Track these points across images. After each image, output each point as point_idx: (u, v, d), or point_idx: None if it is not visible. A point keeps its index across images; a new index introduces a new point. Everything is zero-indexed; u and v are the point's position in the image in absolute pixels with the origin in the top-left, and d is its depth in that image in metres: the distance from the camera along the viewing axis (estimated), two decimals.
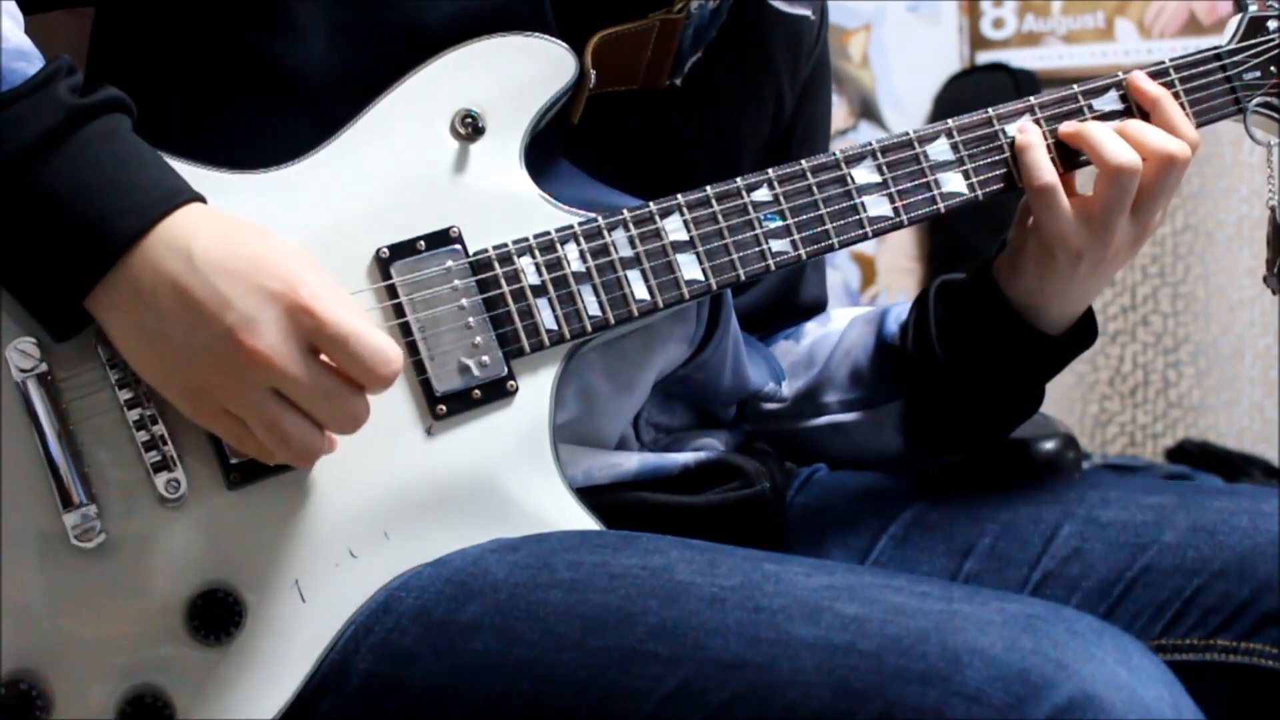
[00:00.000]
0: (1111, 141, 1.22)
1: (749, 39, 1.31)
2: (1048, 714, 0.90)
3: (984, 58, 3.64)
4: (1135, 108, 1.27)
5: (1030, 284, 1.27)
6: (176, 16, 1.17)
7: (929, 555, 1.30)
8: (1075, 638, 0.94)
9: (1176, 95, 1.28)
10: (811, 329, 1.45)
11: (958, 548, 1.29)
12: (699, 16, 1.23)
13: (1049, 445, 1.55)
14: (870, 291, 3.63)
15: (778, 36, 1.34)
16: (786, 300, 1.46)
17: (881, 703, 0.92)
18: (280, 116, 1.14)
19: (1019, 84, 3.49)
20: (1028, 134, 1.24)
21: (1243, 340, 3.51)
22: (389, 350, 1.00)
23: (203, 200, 1.04)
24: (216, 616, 1.06)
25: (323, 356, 1.01)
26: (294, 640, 1.08)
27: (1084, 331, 1.31)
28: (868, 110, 3.68)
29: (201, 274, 0.99)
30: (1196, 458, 3.42)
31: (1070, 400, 3.60)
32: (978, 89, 3.54)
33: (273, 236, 1.02)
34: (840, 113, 3.66)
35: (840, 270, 3.65)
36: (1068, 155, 1.25)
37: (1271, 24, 1.32)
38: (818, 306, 1.50)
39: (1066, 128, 1.24)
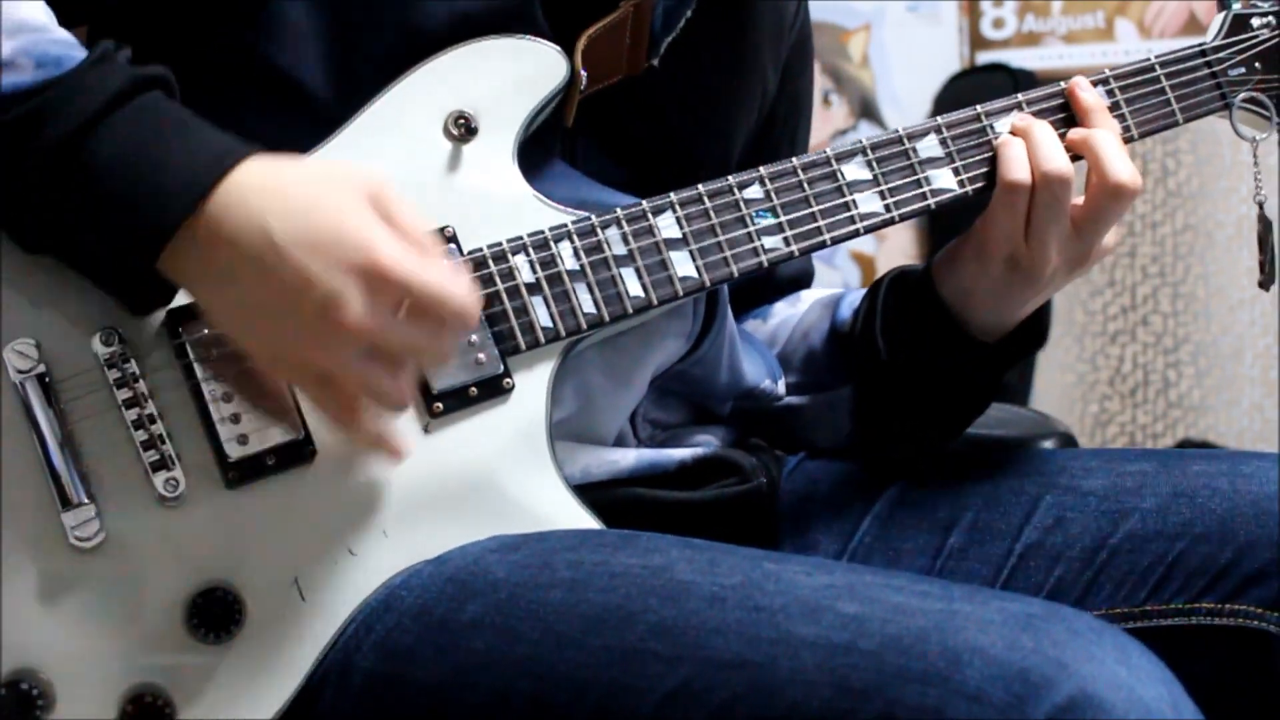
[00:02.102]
0: (1051, 145, 1.22)
1: (731, 21, 1.31)
2: (1048, 713, 0.90)
3: (984, 58, 3.63)
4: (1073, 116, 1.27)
5: (964, 284, 1.27)
6: (170, 22, 1.17)
7: (913, 532, 1.30)
8: (1075, 637, 0.94)
9: (1162, 92, 1.29)
10: (780, 309, 1.45)
11: (941, 523, 1.29)
12: None
13: (1049, 445, 1.56)
14: None
15: (759, 16, 1.35)
16: (766, 277, 1.45)
17: (882, 702, 0.92)
18: (274, 120, 1.14)
19: (1019, 84, 3.49)
20: (1006, 134, 1.24)
21: (1243, 340, 3.51)
22: (468, 304, 1.01)
23: (265, 153, 1.03)
24: (216, 615, 1.06)
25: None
26: (294, 638, 1.08)
27: (1027, 338, 1.30)
28: (868, 110, 3.68)
29: (282, 252, 0.98)
30: None
31: (1070, 400, 3.60)
32: (978, 89, 3.53)
33: (349, 193, 1.01)
34: (840, 113, 3.67)
35: (840, 270, 3.65)
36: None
37: (1255, 21, 1.33)
38: (803, 279, 1.50)
39: (1020, 121, 1.24)
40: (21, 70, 1.01)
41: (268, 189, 1.01)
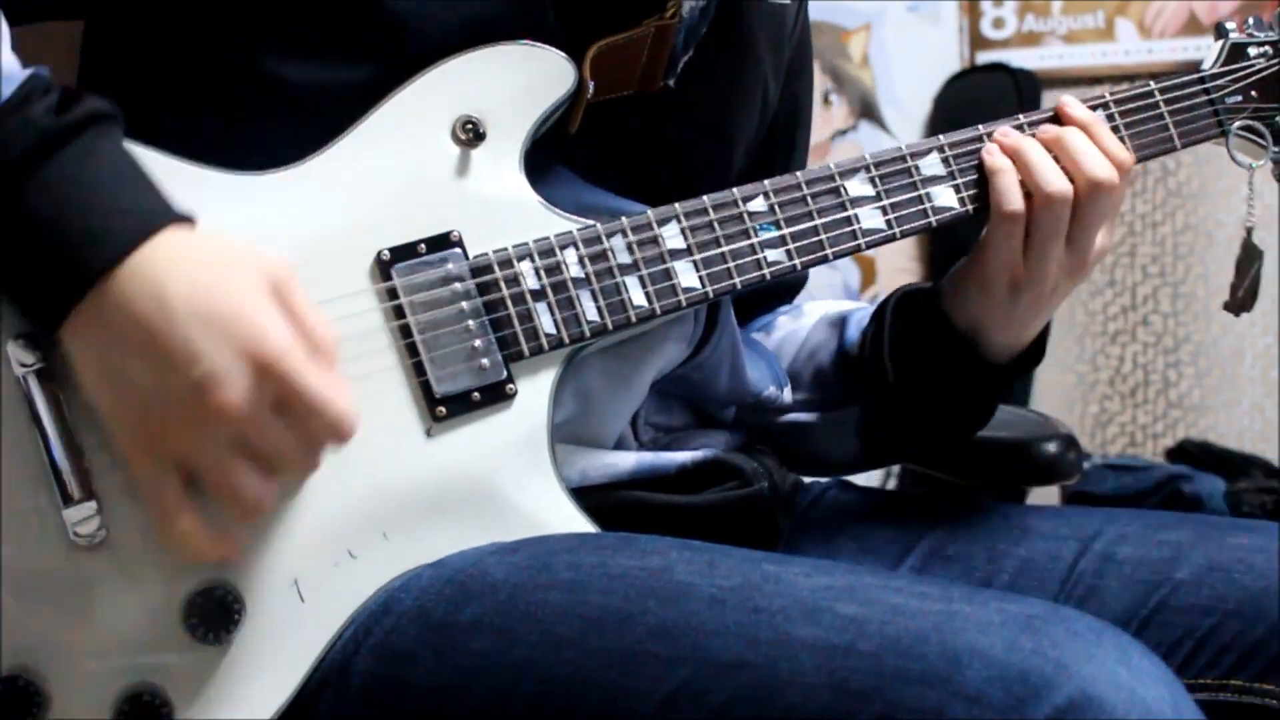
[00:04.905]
0: (1047, 167, 1.22)
1: (734, 35, 1.31)
2: (1048, 714, 0.90)
3: (984, 58, 3.63)
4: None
5: (973, 313, 1.28)
6: (169, 27, 1.17)
7: None
8: (1075, 638, 0.94)
9: (1160, 117, 1.29)
10: (784, 323, 1.45)
11: (976, 583, 1.28)
12: (690, 18, 1.24)
13: (1049, 446, 1.55)
14: (870, 291, 3.64)
15: (761, 29, 1.35)
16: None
17: (881, 704, 0.92)
18: (279, 125, 1.14)
19: (1019, 84, 3.49)
20: (996, 157, 1.24)
21: (1243, 340, 3.51)
22: (346, 420, 0.99)
23: (186, 220, 1.01)
24: (214, 615, 1.06)
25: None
26: (292, 639, 1.08)
27: (1031, 353, 1.31)
28: (868, 110, 3.68)
29: (173, 320, 0.97)
30: (1196, 458, 3.41)
31: (1070, 400, 3.60)
32: (978, 89, 3.54)
33: (252, 277, 0.99)
34: (840, 113, 3.66)
35: (840, 270, 3.65)
36: None
37: (1252, 50, 1.34)
38: (798, 284, 1.51)
39: (1006, 138, 1.25)
40: None
41: (174, 259, 0.98)
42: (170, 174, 1.07)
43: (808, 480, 1.47)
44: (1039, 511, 1.35)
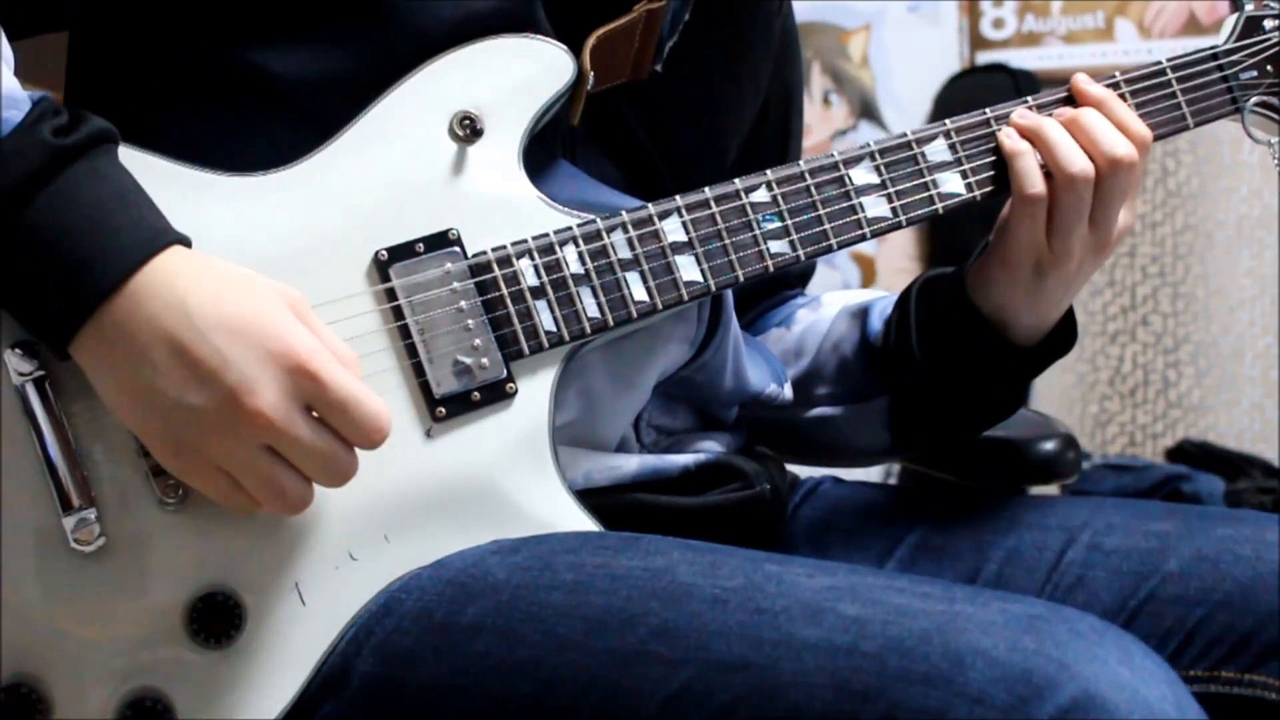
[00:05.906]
0: (1068, 147, 1.21)
1: (721, 20, 1.31)
2: (1051, 714, 0.89)
3: (984, 58, 3.64)
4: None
5: (998, 297, 1.27)
6: (155, 34, 1.16)
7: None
8: (1078, 638, 0.94)
9: (1173, 95, 1.28)
10: (803, 316, 1.45)
11: (963, 574, 1.28)
12: (676, 2, 1.24)
13: (1049, 445, 1.55)
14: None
15: (751, 20, 1.35)
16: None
17: (884, 704, 0.92)
18: (274, 124, 1.14)
19: (1019, 84, 3.50)
20: (1014, 140, 1.23)
21: (1243, 340, 3.51)
22: (382, 415, 1.01)
23: (186, 242, 1.02)
24: (216, 619, 1.06)
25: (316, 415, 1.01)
26: (294, 643, 1.07)
27: (1062, 336, 1.31)
28: (868, 110, 3.68)
29: (199, 331, 0.98)
30: (1196, 458, 3.42)
31: (1070, 400, 3.60)
32: (978, 89, 3.54)
33: (271, 295, 1.01)
34: (840, 113, 3.66)
35: (840, 270, 3.65)
36: None
37: (1268, 23, 1.32)
38: (809, 273, 1.51)
39: (1023, 120, 1.24)
40: None
41: (191, 275, 1.00)
42: (169, 178, 1.08)
43: (803, 475, 1.47)
44: (1026, 502, 1.35)
